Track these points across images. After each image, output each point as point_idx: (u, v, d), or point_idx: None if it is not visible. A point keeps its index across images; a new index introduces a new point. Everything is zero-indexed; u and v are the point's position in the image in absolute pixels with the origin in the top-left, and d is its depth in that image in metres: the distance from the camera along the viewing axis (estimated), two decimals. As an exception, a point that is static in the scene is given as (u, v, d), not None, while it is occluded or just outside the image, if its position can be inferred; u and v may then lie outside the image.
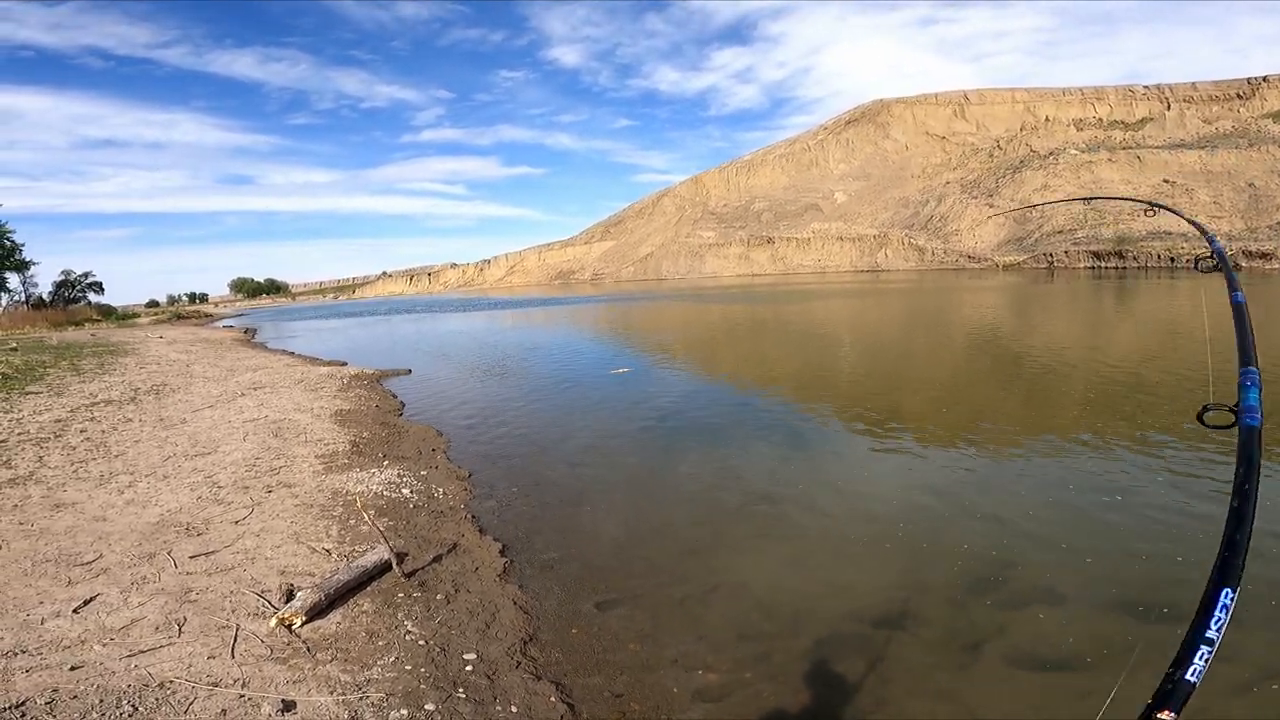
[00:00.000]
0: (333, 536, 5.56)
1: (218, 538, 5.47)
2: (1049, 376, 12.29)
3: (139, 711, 3.20)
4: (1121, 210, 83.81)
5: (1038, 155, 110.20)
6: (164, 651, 3.76)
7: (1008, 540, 5.47)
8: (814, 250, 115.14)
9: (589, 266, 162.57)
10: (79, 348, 22.81)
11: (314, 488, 6.86)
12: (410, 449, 8.84)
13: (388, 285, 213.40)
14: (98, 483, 6.96)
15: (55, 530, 5.60)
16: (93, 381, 14.25)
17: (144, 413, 10.80)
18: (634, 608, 4.66)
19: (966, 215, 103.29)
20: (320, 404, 11.74)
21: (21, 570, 4.81)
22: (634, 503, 6.82)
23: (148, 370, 16.68)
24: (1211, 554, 1.13)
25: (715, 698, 3.69)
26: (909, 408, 10.47)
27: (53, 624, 4.04)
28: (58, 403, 11.45)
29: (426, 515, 6.28)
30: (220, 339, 31.27)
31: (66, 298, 62.95)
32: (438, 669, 3.78)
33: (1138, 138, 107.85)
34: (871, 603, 4.63)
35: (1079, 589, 4.67)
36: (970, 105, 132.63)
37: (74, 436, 8.95)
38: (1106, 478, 6.74)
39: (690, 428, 9.81)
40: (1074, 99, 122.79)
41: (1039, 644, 4.07)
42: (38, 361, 17.44)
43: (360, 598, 4.55)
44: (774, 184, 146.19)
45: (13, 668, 3.52)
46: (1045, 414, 9.53)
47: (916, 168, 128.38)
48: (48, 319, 41.83)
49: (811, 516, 6.23)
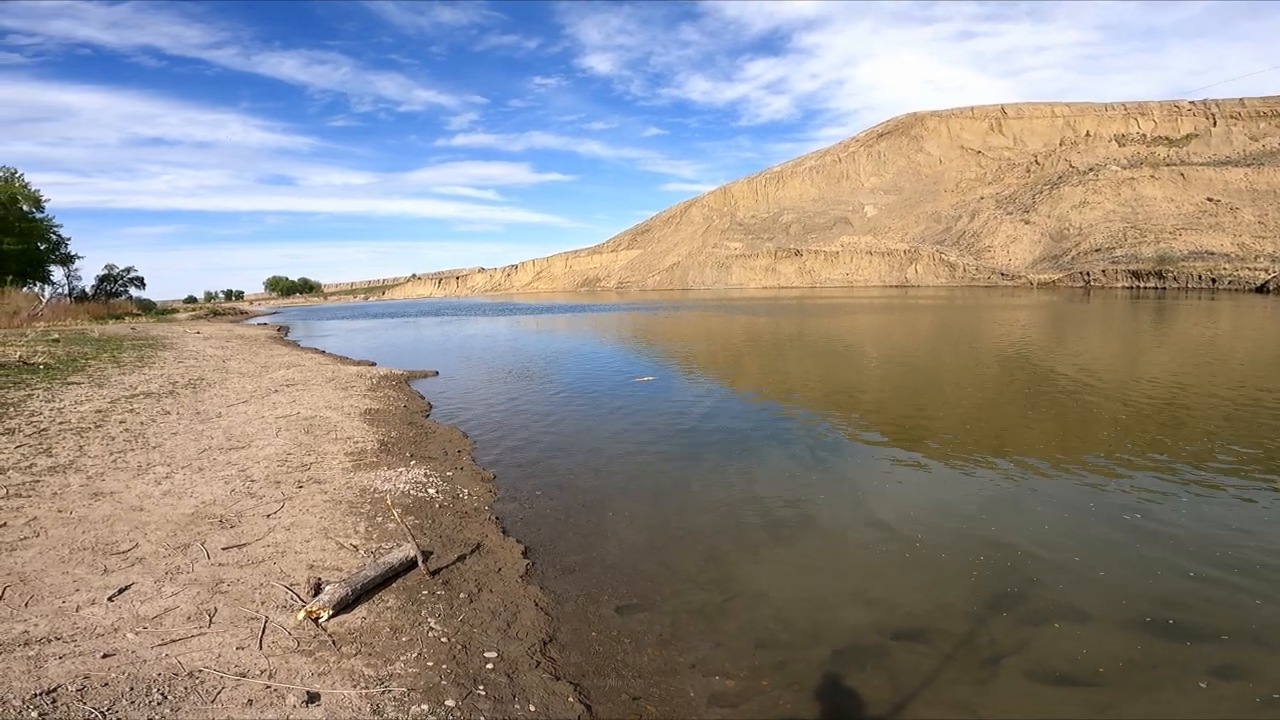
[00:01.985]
0: (360, 533, 5.66)
1: (249, 531, 5.61)
2: (1079, 398, 12.07)
3: (168, 700, 3.28)
4: (1163, 229, 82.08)
5: (1077, 171, 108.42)
6: (194, 641, 3.85)
7: (1031, 557, 5.42)
8: (842, 264, 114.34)
9: (615, 274, 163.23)
10: (119, 341, 23.47)
11: (343, 484, 6.99)
12: (436, 449, 8.97)
13: (416, 287, 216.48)
14: (136, 473, 7.16)
15: (93, 518, 5.76)
16: (132, 374, 14.65)
17: (181, 406, 11.08)
18: (653, 613, 4.69)
19: (1001, 231, 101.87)
20: (350, 402, 11.95)
21: (59, 557, 4.93)
22: (656, 509, 6.84)
23: (185, 364, 17.11)
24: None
25: (732, 704, 3.70)
26: (934, 424, 10.36)
27: (87, 611, 4.14)
28: (98, 394, 11.80)
29: (451, 515, 6.37)
30: (255, 336, 31.95)
31: (108, 292, 64.66)
32: (459, 666, 3.83)
33: (1182, 154, 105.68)
34: (891, 615, 4.61)
35: (1102, 607, 4.62)
36: (1008, 119, 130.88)
37: (114, 427, 9.21)
38: (1134, 501, 6.63)
39: (713, 438, 9.81)
40: (1116, 114, 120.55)
41: (1060, 660, 4.04)
42: (79, 353, 17.97)
43: (385, 594, 4.63)
44: (803, 196, 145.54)
45: (47, 654, 3.61)
46: (1074, 435, 9.37)
47: (950, 182, 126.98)
48: (89, 312, 43.02)
49: (832, 528, 6.21)
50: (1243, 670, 3.90)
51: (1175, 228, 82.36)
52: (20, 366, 14.36)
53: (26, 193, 49.67)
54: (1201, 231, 79.09)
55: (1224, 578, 4.96)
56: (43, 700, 3.19)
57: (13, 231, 46.45)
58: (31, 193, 50.08)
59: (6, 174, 48.73)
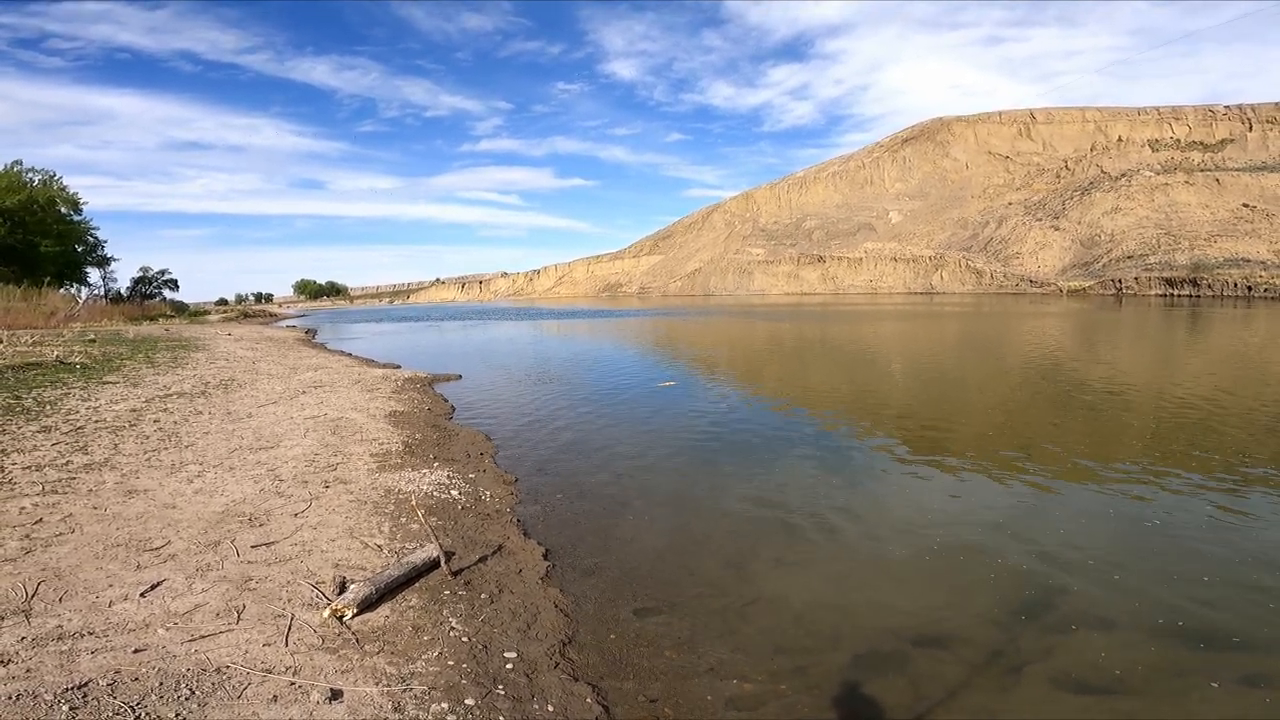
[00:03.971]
0: (384, 533, 5.75)
1: (277, 529, 5.72)
2: (1109, 408, 11.87)
3: (195, 695, 3.34)
4: (1198, 236, 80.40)
5: (1109, 176, 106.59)
6: (223, 637, 3.92)
7: (1056, 566, 5.35)
8: (866, 270, 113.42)
9: (636, 280, 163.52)
10: (154, 341, 24.02)
11: (368, 485, 7.10)
12: (460, 452, 9.06)
13: (440, 291, 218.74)
14: (169, 471, 7.34)
15: (127, 515, 5.90)
16: (166, 374, 14.99)
17: (213, 406, 11.32)
18: (672, 616, 4.70)
19: (1029, 238, 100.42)
20: (375, 404, 12.12)
21: (93, 553, 5.04)
22: (676, 513, 6.86)
23: (217, 365, 17.47)
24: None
25: (749, 707, 3.71)
26: (959, 432, 10.25)
27: (120, 607, 4.22)
28: (133, 393, 12.09)
29: (474, 517, 6.44)
30: (284, 338, 32.49)
31: (143, 293, 66.27)
32: (479, 665, 3.88)
33: (1217, 159, 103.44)
34: (912, 621, 4.58)
35: (1127, 615, 4.56)
36: (1037, 124, 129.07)
37: (148, 426, 9.44)
38: (1162, 511, 6.51)
39: (734, 442, 9.80)
40: (1150, 119, 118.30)
41: (1085, 668, 3.99)
42: (115, 353, 18.43)
43: (408, 593, 4.70)
44: (826, 202, 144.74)
45: (79, 649, 3.69)
46: (1101, 445, 9.21)
47: (977, 188, 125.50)
48: (124, 313, 43.97)
49: (853, 534, 6.18)
50: (1269, 679, 3.83)
51: (1210, 234, 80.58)
52: (58, 366, 14.77)
53: (64, 195, 51.10)
54: (1237, 238, 77.30)
55: (1251, 587, 4.87)
56: (74, 695, 3.24)
57: (50, 234, 47.79)
58: (69, 195, 51.52)
59: (45, 177, 50.15)
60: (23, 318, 28.46)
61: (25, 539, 5.22)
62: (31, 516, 5.71)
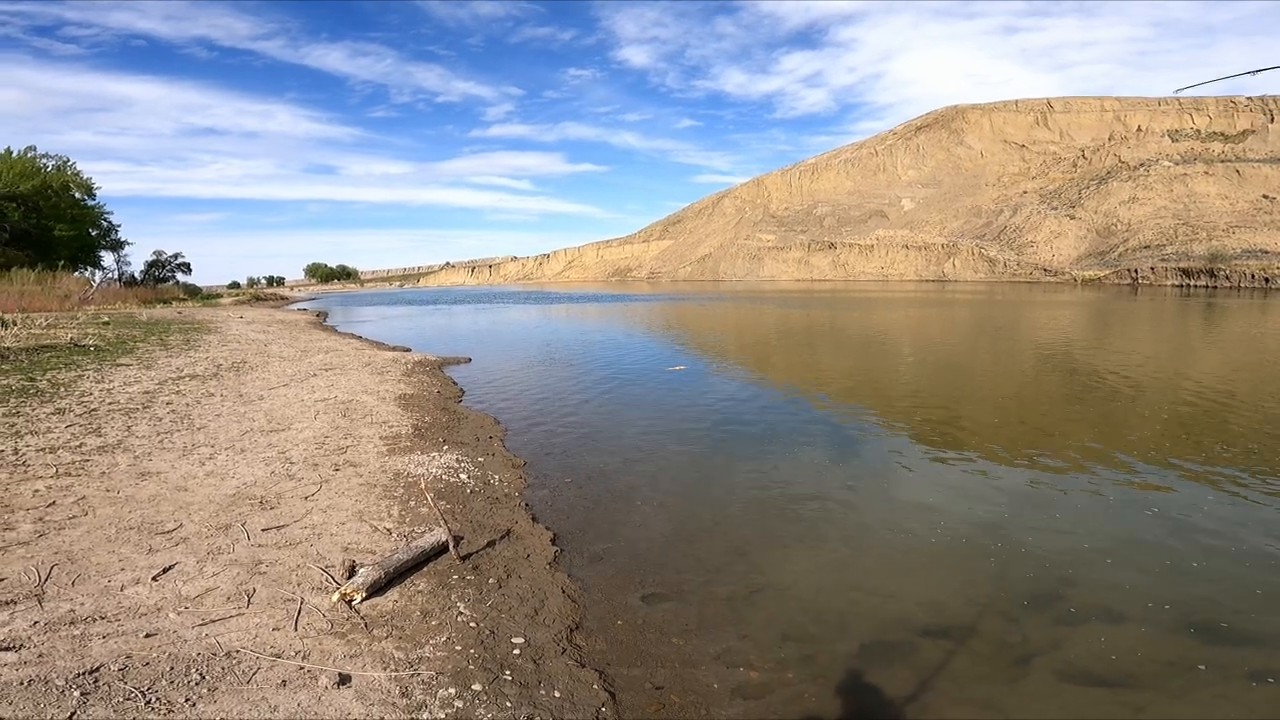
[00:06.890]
0: (393, 516, 5.77)
1: (288, 512, 5.75)
2: (1122, 399, 11.75)
3: (205, 680, 3.36)
4: (1216, 226, 79.30)
5: (1126, 166, 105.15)
6: (233, 621, 3.94)
7: (1066, 558, 5.32)
8: (878, 257, 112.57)
9: (646, 265, 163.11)
10: (167, 324, 24.19)
11: (377, 468, 7.13)
12: (469, 435, 9.08)
13: (450, 275, 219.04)
14: (181, 454, 7.39)
15: (139, 498, 5.94)
16: (179, 356, 15.10)
17: (225, 388, 11.39)
18: (679, 603, 4.71)
19: (1044, 226, 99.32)
20: (385, 387, 12.16)
21: (106, 536, 5.07)
22: (685, 500, 6.86)
23: (229, 348, 17.57)
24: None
25: (755, 695, 3.71)
26: (970, 421, 10.18)
27: (131, 591, 4.24)
28: (146, 375, 12.18)
29: (482, 501, 6.46)
30: (295, 321, 32.65)
31: (156, 277, 66.66)
32: (486, 650, 3.90)
33: (1237, 150, 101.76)
34: (920, 611, 4.57)
35: (1137, 609, 4.53)
36: (1054, 113, 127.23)
37: (160, 408, 9.50)
38: (1174, 503, 6.45)
39: (744, 429, 9.78)
40: (1169, 109, 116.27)
41: (1094, 661, 3.97)
42: (128, 336, 18.57)
43: (417, 577, 4.72)
44: (838, 188, 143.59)
45: (91, 633, 3.71)
46: (1114, 437, 9.12)
47: (991, 176, 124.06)
48: (138, 296, 44.28)
49: (862, 523, 6.16)
50: (1268, 671, 3.80)
51: (1229, 225, 79.43)
52: (71, 348, 14.90)
53: (78, 180, 51.44)
54: (1256, 229, 76.14)
55: (1263, 582, 4.83)
56: (85, 680, 3.26)
57: (65, 218, 48.17)
58: (83, 180, 51.85)
59: (59, 163, 50.46)
60: (37, 301, 28.72)
61: (39, 521, 5.26)
62: (45, 499, 5.76)
